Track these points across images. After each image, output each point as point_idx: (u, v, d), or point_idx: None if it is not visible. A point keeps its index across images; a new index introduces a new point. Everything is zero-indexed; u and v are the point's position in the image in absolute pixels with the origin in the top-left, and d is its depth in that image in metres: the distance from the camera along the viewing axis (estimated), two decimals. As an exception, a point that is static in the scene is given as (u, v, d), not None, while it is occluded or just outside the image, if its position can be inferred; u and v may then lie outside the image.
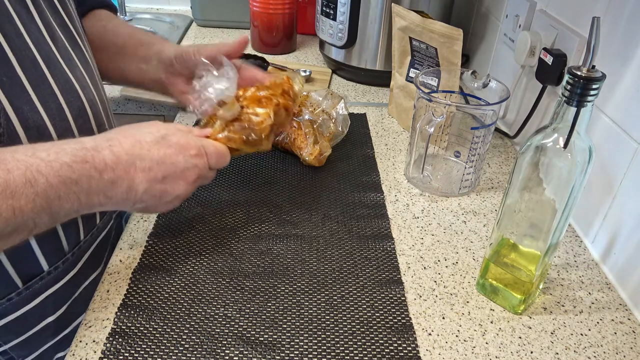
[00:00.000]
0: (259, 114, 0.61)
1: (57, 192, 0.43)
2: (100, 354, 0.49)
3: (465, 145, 0.79)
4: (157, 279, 0.58)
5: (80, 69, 0.57)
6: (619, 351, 0.54)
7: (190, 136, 0.56)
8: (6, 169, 0.41)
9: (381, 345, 0.52)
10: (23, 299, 0.55)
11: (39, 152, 0.43)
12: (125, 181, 0.49)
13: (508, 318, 0.56)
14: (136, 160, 0.50)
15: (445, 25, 0.78)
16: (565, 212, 0.50)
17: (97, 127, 0.59)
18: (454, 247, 0.66)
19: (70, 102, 0.53)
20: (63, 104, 0.52)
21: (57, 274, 0.57)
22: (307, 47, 1.29)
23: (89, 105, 0.57)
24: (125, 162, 0.49)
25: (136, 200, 0.51)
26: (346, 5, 0.99)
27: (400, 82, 0.91)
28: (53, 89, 0.51)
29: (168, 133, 0.53)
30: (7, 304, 0.53)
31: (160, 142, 0.52)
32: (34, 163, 0.42)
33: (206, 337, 0.52)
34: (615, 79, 0.62)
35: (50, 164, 0.43)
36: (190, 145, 0.54)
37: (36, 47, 0.50)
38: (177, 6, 1.48)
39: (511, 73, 0.90)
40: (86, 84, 0.57)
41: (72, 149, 0.45)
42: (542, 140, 0.49)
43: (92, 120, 0.58)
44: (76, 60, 0.57)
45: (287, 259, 0.62)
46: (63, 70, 0.54)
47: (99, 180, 0.47)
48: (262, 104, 0.61)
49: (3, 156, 0.41)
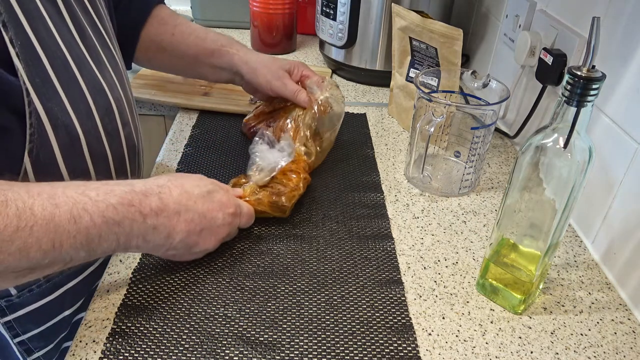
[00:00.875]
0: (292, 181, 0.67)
1: (98, 231, 0.45)
2: (100, 354, 0.49)
3: (465, 145, 0.79)
4: (157, 279, 0.58)
5: (109, 69, 0.59)
6: (619, 351, 0.54)
7: (230, 195, 0.59)
8: (55, 203, 0.42)
9: (381, 345, 0.52)
10: (43, 291, 0.56)
11: (89, 190, 0.45)
12: (167, 228, 0.51)
13: (508, 318, 0.56)
14: (182, 210, 0.52)
15: (445, 25, 0.78)
16: (565, 212, 0.50)
17: (122, 125, 0.60)
18: (454, 247, 0.66)
19: (97, 102, 0.54)
20: (91, 104, 0.54)
21: (77, 268, 0.58)
22: (307, 47, 1.29)
23: (115, 104, 0.58)
24: (172, 210, 0.51)
25: (170, 247, 0.53)
26: (346, 5, 0.99)
27: (400, 82, 0.91)
28: (82, 90, 0.52)
29: (214, 189, 0.57)
30: (27, 294, 0.55)
31: (205, 197, 0.55)
32: (82, 201, 0.44)
33: (206, 337, 0.52)
34: (615, 79, 0.62)
35: (97, 203, 0.45)
36: (230, 204, 0.58)
37: (67, 48, 0.51)
38: (177, 6, 1.48)
39: (511, 73, 0.90)
40: (114, 84, 0.59)
41: (122, 191, 0.47)
42: (542, 140, 0.49)
43: (118, 119, 0.59)
44: (105, 61, 0.58)
45: (287, 259, 0.62)
46: (92, 71, 0.55)
47: (141, 224, 0.48)
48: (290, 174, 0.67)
49: (54, 191, 0.43)
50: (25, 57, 0.45)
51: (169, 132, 0.88)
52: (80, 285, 0.60)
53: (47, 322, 0.59)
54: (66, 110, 0.50)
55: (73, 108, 0.51)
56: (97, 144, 0.55)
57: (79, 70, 0.52)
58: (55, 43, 0.50)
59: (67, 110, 0.50)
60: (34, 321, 0.58)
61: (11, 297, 0.54)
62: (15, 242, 0.40)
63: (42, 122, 0.47)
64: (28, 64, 0.46)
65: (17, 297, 0.55)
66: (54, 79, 0.49)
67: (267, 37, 1.21)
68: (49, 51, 0.48)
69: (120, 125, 0.59)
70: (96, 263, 0.61)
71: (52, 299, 0.58)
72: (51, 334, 0.60)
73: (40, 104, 0.47)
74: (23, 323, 0.57)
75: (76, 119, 0.51)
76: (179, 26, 0.78)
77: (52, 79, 0.48)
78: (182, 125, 0.89)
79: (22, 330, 0.57)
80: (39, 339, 0.59)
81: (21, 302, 0.55)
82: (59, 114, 0.49)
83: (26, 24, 0.46)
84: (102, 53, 0.58)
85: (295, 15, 1.22)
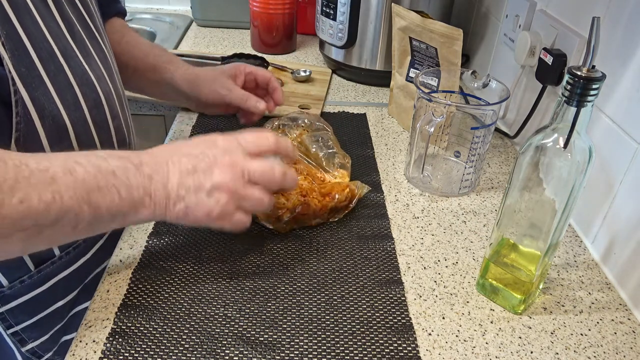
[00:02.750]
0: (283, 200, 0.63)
1: (95, 181, 0.44)
2: (100, 354, 0.49)
3: (465, 145, 0.79)
4: (157, 279, 0.58)
5: (97, 61, 0.59)
6: (619, 351, 0.54)
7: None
8: (48, 159, 0.43)
9: (381, 345, 0.52)
10: (35, 282, 0.56)
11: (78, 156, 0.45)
12: (160, 174, 0.48)
13: (508, 318, 0.56)
14: (168, 157, 0.50)
15: (445, 25, 0.78)
16: (565, 212, 0.50)
17: (111, 118, 0.60)
18: (454, 247, 0.66)
19: (85, 93, 0.55)
20: (79, 95, 0.54)
21: (68, 259, 0.59)
22: (307, 47, 1.29)
23: (104, 96, 0.58)
24: (160, 158, 0.49)
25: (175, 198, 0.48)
26: (346, 5, 0.99)
27: (400, 82, 0.91)
28: (70, 80, 0.53)
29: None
30: (19, 285, 0.55)
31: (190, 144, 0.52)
32: (73, 156, 0.45)
33: (206, 337, 0.52)
34: (615, 79, 0.62)
35: (88, 157, 0.45)
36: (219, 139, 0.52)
37: (54, 40, 0.52)
38: (177, 6, 1.48)
39: (511, 73, 0.90)
40: (102, 77, 0.59)
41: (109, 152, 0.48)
42: (542, 140, 0.49)
43: (107, 112, 0.59)
44: (93, 53, 0.59)
45: (287, 259, 0.62)
46: (80, 62, 0.55)
47: (135, 172, 0.47)
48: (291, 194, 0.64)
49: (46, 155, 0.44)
50: (11, 46, 0.46)
51: (169, 132, 0.88)
52: (73, 276, 0.60)
53: (40, 312, 0.59)
54: (53, 100, 0.50)
55: (60, 98, 0.51)
56: (86, 134, 0.55)
57: (66, 62, 0.53)
58: (42, 34, 0.50)
59: (53, 100, 0.50)
60: (26, 312, 0.58)
61: (2, 288, 0.55)
62: (16, 194, 0.40)
63: (29, 110, 0.48)
64: (14, 53, 0.46)
65: (9, 288, 0.55)
66: (40, 69, 0.49)
67: (267, 37, 1.21)
68: (36, 41, 0.49)
69: (109, 118, 0.59)
70: (88, 254, 0.61)
71: (43, 290, 0.58)
72: (45, 324, 0.60)
73: (26, 92, 0.48)
74: (16, 314, 0.57)
75: (63, 109, 0.52)
76: (126, 36, 0.77)
77: (38, 69, 0.49)
78: (182, 125, 0.89)
79: (15, 321, 0.58)
80: (33, 329, 0.59)
81: (13, 294, 0.56)
82: (45, 104, 0.50)
83: (12, 14, 0.47)
84: (91, 46, 0.58)
85: (295, 15, 1.22)
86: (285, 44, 1.23)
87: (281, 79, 1.05)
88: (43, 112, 0.49)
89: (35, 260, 0.56)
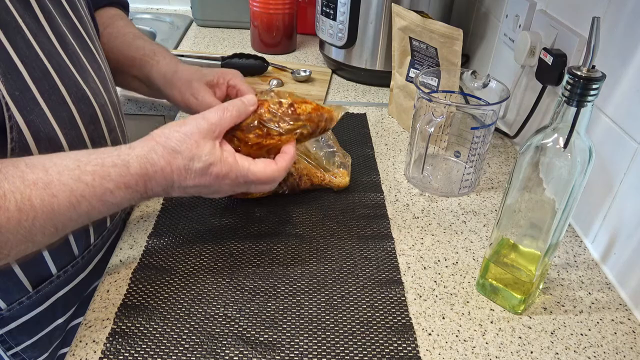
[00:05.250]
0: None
1: (98, 212, 0.47)
2: (100, 354, 0.49)
3: (465, 145, 0.79)
4: (157, 279, 0.58)
5: (92, 75, 0.57)
6: (619, 351, 0.54)
7: None
8: (52, 193, 0.43)
9: (381, 345, 0.52)
10: (33, 302, 0.55)
11: (84, 175, 0.45)
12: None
13: (508, 318, 0.56)
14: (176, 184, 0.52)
15: (445, 25, 0.78)
16: (565, 212, 0.50)
17: (108, 132, 0.59)
18: (454, 247, 0.66)
19: (81, 110, 0.54)
20: (74, 112, 0.53)
21: (67, 277, 0.57)
22: (307, 47, 1.29)
23: (100, 111, 0.57)
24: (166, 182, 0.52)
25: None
26: (346, 5, 0.99)
27: (400, 82, 0.91)
28: (64, 98, 0.51)
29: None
30: (18, 307, 0.54)
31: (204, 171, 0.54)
32: (79, 188, 0.45)
33: (206, 337, 0.52)
34: (615, 79, 0.62)
35: (94, 190, 0.46)
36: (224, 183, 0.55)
37: (47, 57, 0.50)
38: (177, 6, 1.48)
39: (511, 73, 0.90)
40: (98, 90, 0.57)
41: (117, 175, 0.47)
42: (542, 140, 0.49)
43: (104, 126, 0.58)
44: (87, 66, 0.57)
45: (287, 259, 0.62)
46: (74, 78, 0.53)
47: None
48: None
49: (49, 178, 0.43)
50: (3, 70, 0.45)
51: (169, 132, 0.87)
52: (71, 293, 0.59)
53: (40, 332, 0.58)
54: (48, 120, 0.49)
55: (55, 117, 0.50)
56: None
57: (60, 79, 0.51)
58: (34, 53, 0.49)
59: (49, 120, 0.49)
60: (26, 332, 0.57)
61: (1, 311, 0.53)
62: (20, 232, 0.42)
63: (24, 135, 0.47)
64: (7, 77, 0.45)
65: (7, 310, 0.53)
66: (34, 90, 0.48)
67: (267, 37, 1.21)
68: (28, 61, 0.47)
69: (106, 133, 0.58)
70: (86, 270, 0.60)
71: (42, 309, 0.56)
72: (45, 343, 0.59)
73: (21, 117, 0.46)
74: (15, 335, 0.56)
75: (59, 129, 0.50)
76: (109, 28, 0.71)
77: (32, 90, 0.48)
78: (182, 125, 0.89)
79: (14, 342, 0.56)
80: (33, 349, 0.58)
81: (12, 315, 0.54)
82: (40, 126, 0.48)
83: (3, 37, 0.45)
84: (84, 58, 0.57)
85: (295, 15, 1.22)
86: (285, 44, 1.23)
87: (281, 79, 1.05)
88: (39, 134, 0.48)
89: (33, 281, 0.54)
